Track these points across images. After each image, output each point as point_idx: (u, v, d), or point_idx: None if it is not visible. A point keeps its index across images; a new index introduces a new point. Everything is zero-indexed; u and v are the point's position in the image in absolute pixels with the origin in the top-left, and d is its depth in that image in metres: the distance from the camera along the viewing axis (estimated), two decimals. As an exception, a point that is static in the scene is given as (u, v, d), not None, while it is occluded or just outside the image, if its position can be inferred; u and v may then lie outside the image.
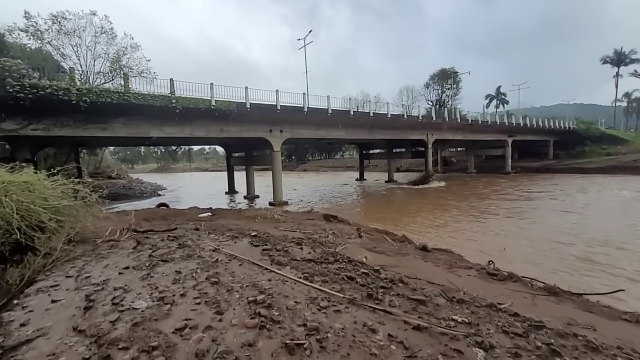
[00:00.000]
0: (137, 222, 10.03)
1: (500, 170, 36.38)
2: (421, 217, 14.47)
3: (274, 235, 7.20)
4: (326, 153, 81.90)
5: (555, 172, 33.95)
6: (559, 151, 42.17)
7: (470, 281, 4.64)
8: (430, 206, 17.27)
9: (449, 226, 12.56)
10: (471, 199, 19.45)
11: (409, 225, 12.76)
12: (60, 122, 13.06)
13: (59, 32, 21.58)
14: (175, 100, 13.75)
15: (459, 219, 13.83)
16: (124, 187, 28.44)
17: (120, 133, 14.37)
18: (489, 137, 33.89)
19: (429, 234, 11.36)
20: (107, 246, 4.97)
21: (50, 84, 11.21)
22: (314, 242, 6.28)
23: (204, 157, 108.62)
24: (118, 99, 12.51)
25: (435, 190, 24.17)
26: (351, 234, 8.34)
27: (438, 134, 27.87)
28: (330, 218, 11.54)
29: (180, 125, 15.83)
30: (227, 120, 16.86)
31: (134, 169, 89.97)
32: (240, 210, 12.82)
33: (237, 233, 6.44)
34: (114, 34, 23.99)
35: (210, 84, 14.86)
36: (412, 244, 8.03)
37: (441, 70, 48.37)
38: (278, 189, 18.90)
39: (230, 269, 3.59)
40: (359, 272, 3.98)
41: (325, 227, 9.14)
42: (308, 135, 20.32)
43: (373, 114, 20.85)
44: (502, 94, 59.14)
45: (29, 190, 4.83)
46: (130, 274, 3.37)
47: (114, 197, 23.81)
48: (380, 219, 13.97)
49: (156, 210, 12.68)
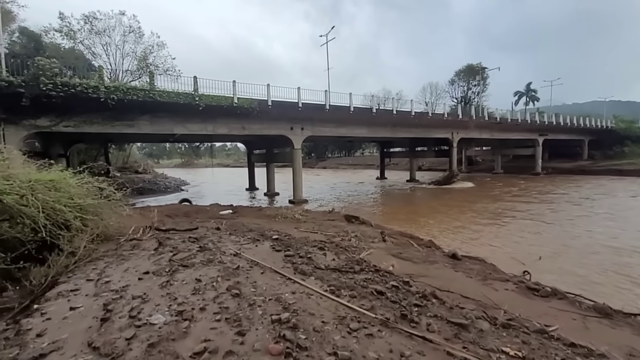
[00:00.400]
0: (160, 219, 10.16)
1: (530, 171, 34.63)
2: (447, 220, 13.88)
3: (295, 237, 7.00)
4: (346, 150, 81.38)
5: (591, 174, 31.89)
6: (594, 151, 39.68)
7: (508, 297, 4.25)
8: (457, 209, 16.57)
9: (478, 231, 11.95)
10: (501, 201, 18.55)
11: (434, 229, 12.25)
12: (90, 119, 13.46)
13: (91, 32, 22.40)
14: (198, 97, 13.86)
15: (489, 223, 13.16)
16: (149, 182, 29.31)
17: (146, 130, 14.66)
18: (518, 136, 32.32)
19: (456, 239, 10.84)
20: (130, 246, 4.94)
21: (80, 82, 11.53)
22: (337, 246, 6.04)
23: (226, 154, 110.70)
24: (144, 96, 12.73)
25: (461, 192, 23.27)
26: (374, 237, 8.03)
27: (464, 133, 26.81)
28: (351, 219, 11.26)
29: (203, 123, 15.98)
30: (248, 118, 16.85)
31: (160, 164, 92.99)
32: (261, 209, 12.76)
33: (258, 235, 6.29)
34: (141, 33, 24.68)
35: (233, 81, 14.88)
36: (440, 250, 7.62)
37: (467, 65, 46.63)
38: (298, 187, 18.78)
39: (252, 277, 3.40)
40: (388, 284, 3.69)
41: (347, 228, 8.88)
42: (329, 133, 20.04)
43: (396, 112, 20.26)
44: (532, 91, 56.26)
45: (55, 188, 4.85)
46: (150, 280, 3.25)
47: (141, 192, 24.57)
48: (403, 221, 13.53)
49: (179, 207, 12.85)
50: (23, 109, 11.27)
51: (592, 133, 38.90)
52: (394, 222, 13.13)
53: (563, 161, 38.53)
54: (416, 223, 13.31)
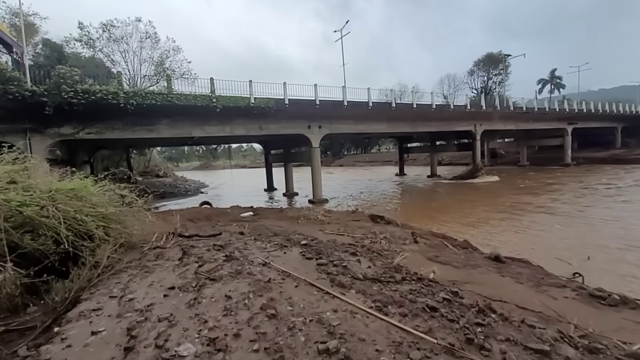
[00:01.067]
0: (183, 223, 10.05)
1: (559, 162, 32.92)
2: (476, 218, 13.18)
3: (323, 241, 6.65)
4: (362, 147, 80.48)
5: (627, 163, 29.91)
6: (628, 139, 37.35)
7: (571, 306, 3.73)
8: (485, 206, 15.78)
9: (512, 230, 11.23)
10: (532, 196, 17.56)
11: (464, 229, 11.61)
12: (111, 126, 13.59)
13: (109, 40, 22.83)
14: (215, 99, 13.75)
15: (523, 221, 12.38)
16: (170, 186, 29.79)
17: (165, 134, 14.71)
18: (545, 126, 30.73)
19: (491, 237, 10.19)
20: (154, 255, 4.73)
21: (100, 89, 11.62)
22: (369, 250, 5.65)
23: (242, 155, 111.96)
24: (162, 100, 12.71)
25: (487, 186, 22.28)
26: (405, 238, 7.58)
27: (487, 124, 25.67)
28: (377, 219, 10.81)
29: (221, 125, 15.90)
30: (265, 118, 16.65)
31: (179, 167, 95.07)
32: (282, 210, 12.51)
33: (285, 239, 5.98)
34: (157, 38, 24.96)
35: (249, 81, 14.68)
36: (478, 251, 7.09)
37: (487, 55, 44.86)
38: (317, 186, 18.45)
39: (286, 292, 3.06)
40: (437, 296, 3.29)
41: (375, 229, 8.45)
42: (347, 130, 19.60)
43: (416, 106, 19.56)
44: (557, 78, 53.63)
45: (76, 197, 4.69)
46: (176, 297, 2.96)
47: (162, 195, 24.91)
48: (429, 220, 12.94)
49: (200, 210, 12.78)
50: (47, 117, 11.46)
51: (626, 120, 36.59)
52: (419, 221, 12.57)
53: (594, 150, 36.45)
54: (443, 222, 12.70)
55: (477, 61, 45.88)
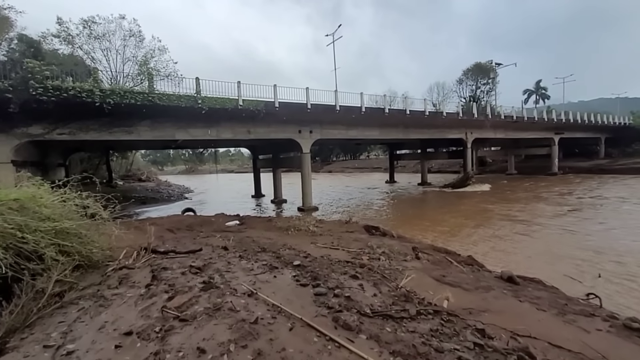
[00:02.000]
0: (160, 234, 9.19)
1: (545, 171, 33.30)
2: (473, 229, 12.75)
3: (316, 257, 5.98)
4: (351, 154, 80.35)
5: (611, 173, 30.49)
6: (611, 149, 38.26)
7: (609, 343, 3.18)
8: (480, 215, 15.42)
9: (511, 242, 10.81)
10: (527, 205, 17.36)
11: (464, 240, 11.13)
12: (86, 126, 12.61)
13: (90, 37, 21.69)
14: (201, 100, 12.95)
15: (521, 233, 11.99)
16: (152, 190, 28.50)
17: (146, 136, 13.78)
18: (533, 135, 31.07)
19: (492, 253, 9.69)
20: (117, 278, 3.96)
21: (74, 86, 10.68)
22: (370, 270, 5.01)
23: (230, 159, 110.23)
24: (142, 100, 11.85)
25: (478, 195, 22.06)
26: (405, 253, 6.98)
27: (478, 133, 25.65)
28: (371, 230, 10.20)
29: (206, 127, 15.08)
30: (254, 121, 15.93)
31: (164, 171, 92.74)
32: (271, 219, 11.76)
33: (274, 257, 5.29)
34: (142, 37, 23.93)
35: (237, 82, 13.96)
36: (484, 268, 6.55)
37: (476, 64, 45.48)
38: (307, 194, 17.76)
39: (278, 338, 2.37)
40: (464, 339, 2.67)
41: (371, 242, 7.83)
42: (339, 136, 19.05)
43: (409, 112, 19.21)
44: (542, 89, 55.01)
45: (22, 209, 3.90)
46: (132, 349, 2.24)
47: (143, 201, 23.71)
48: (425, 231, 12.44)
49: (181, 218, 11.89)
50: (13, 116, 10.42)
51: (609, 130, 37.50)
52: (415, 232, 12.05)
53: (578, 160, 37.14)
54: (440, 234, 12.21)
55: (465, 70, 46.44)
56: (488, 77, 45.94)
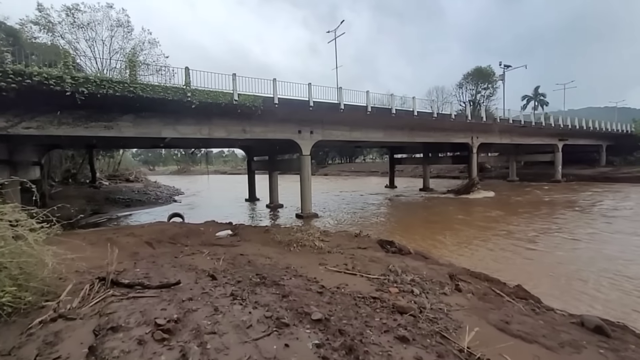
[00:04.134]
0: (136, 249, 7.65)
1: (549, 178, 32.44)
2: (492, 244, 11.46)
3: (332, 290, 4.59)
4: (347, 157, 79.11)
5: (617, 182, 29.67)
6: (612, 157, 37.65)
7: None
8: (494, 225, 14.18)
9: (538, 260, 9.52)
10: (541, 215, 16.19)
11: (486, 258, 9.80)
12: (57, 120, 11.01)
13: (73, 25, 20.04)
14: (190, 93, 11.43)
15: (545, 249, 10.74)
16: (138, 192, 26.70)
17: (128, 133, 12.22)
18: (538, 141, 30.15)
19: (525, 274, 8.34)
20: (41, 342, 2.55)
21: (40, 71, 9.09)
22: (415, 319, 3.63)
23: (223, 160, 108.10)
24: (122, 90, 10.30)
25: (485, 203, 20.88)
26: (439, 282, 5.60)
27: (484, 137, 24.55)
28: (386, 245, 8.81)
29: (197, 125, 13.57)
30: (250, 120, 14.47)
31: (155, 171, 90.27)
32: (268, 230, 10.30)
33: (279, 298, 3.86)
34: (130, 27, 22.36)
35: (233, 74, 12.46)
36: (543, 305, 5.21)
37: (476, 68, 44.76)
38: (307, 199, 16.32)
39: None
40: None
41: (393, 265, 6.44)
42: (342, 138, 17.66)
43: (417, 113, 17.94)
44: (541, 95, 54.59)
45: None
46: None
47: (127, 204, 21.99)
48: (441, 245, 11.10)
49: (165, 227, 10.34)
50: (-34, 105, 8.81)
51: (611, 138, 36.89)
52: (428, 245, 10.71)
53: (580, 167, 36.34)
54: (457, 246, 10.88)
55: (466, 75, 45.69)
56: (488, 82, 45.28)
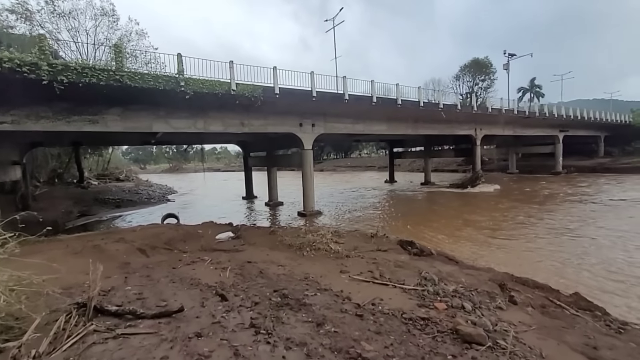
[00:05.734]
0: (127, 258, 6.71)
1: (549, 170, 32.07)
2: (512, 240, 10.76)
3: (366, 307, 3.75)
4: (343, 152, 78.27)
5: (617, 172, 29.41)
6: (610, 148, 37.49)
7: None
8: (510, 219, 13.51)
9: (567, 261, 8.81)
10: (553, 209, 15.59)
11: (510, 256, 9.06)
12: (35, 113, 9.89)
13: (53, 13, 18.65)
14: (184, 82, 10.38)
15: (564, 245, 10.07)
16: (129, 192, 25.45)
17: (115, 127, 11.13)
18: (539, 132, 29.66)
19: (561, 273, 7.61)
20: None
21: (10, 57, 7.97)
22: (492, 352, 2.79)
23: (216, 157, 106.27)
24: (107, 79, 9.22)
25: (491, 196, 20.26)
26: (486, 292, 4.79)
27: (487, 129, 23.91)
28: (407, 246, 7.99)
29: (192, 118, 12.52)
30: (249, 112, 13.48)
31: (146, 170, 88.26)
32: (274, 231, 9.39)
33: (314, 329, 2.98)
34: (116, 17, 21.00)
35: (230, 61, 11.42)
36: (610, 317, 4.44)
37: (473, 60, 44.14)
38: (310, 196, 15.43)
39: None
40: None
41: (424, 269, 5.63)
42: (345, 130, 16.76)
43: (423, 104, 17.10)
44: (536, 87, 54.28)
45: None
46: None
47: (117, 204, 20.80)
48: (456, 242, 10.34)
49: (159, 231, 9.36)
50: None
51: (609, 128, 36.67)
52: (447, 245, 9.94)
53: (578, 159, 36.04)
54: (478, 245, 10.13)
55: (462, 66, 45.05)
56: (485, 74, 44.73)
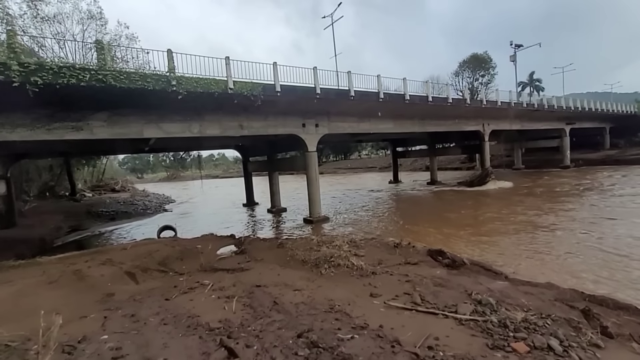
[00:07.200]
0: (113, 284, 5.70)
1: (557, 164, 31.21)
2: (557, 245, 9.79)
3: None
4: (342, 154, 77.33)
5: (628, 164, 28.55)
6: (616, 140, 36.72)
7: None
8: (546, 220, 12.54)
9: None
10: (578, 205, 14.64)
11: (550, 263, 8.07)
12: (10, 121, 8.87)
13: (36, 18, 17.65)
14: (176, 81, 9.38)
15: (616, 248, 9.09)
16: (125, 203, 24.36)
17: (102, 134, 10.11)
18: (546, 126, 28.81)
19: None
20: None
21: (-26, 56, 6.98)
22: None
23: (213, 164, 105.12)
24: (89, 80, 8.21)
25: (506, 193, 19.29)
26: (566, 319, 3.77)
27: (495, 124, 23.00)
28: (437, 257, 6.96)
29: (186, 121, 11.51)
30: (247, 113, 12.50)
31: (143, 179, 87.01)
32: (282, 244, 8.34)
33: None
34: (104, 20, 20.05)
35: (226, 57, 10.44)
36: None
37: (472, 55, 43.39)
38: (316, 201, 14.41)
39: None
40: None
41: (473, 288, 4.62)
42: (349, 130, 15.77)
43: (432, 99, 16.15)
44: (536, 81, 53.71)
45: None
46: None
47: (112, 217, 19.72)
48: (480, 248, 9.34)
49: (152, 249, 8.29)
50: None
51: (614, 120, 35.91)
52: (476, 251, 8.95)
53: (584, 152, 35.17)
54: (508, 252, 9.13)
55: (462, 62, 44.27)
56: (485, 69, 44.01)
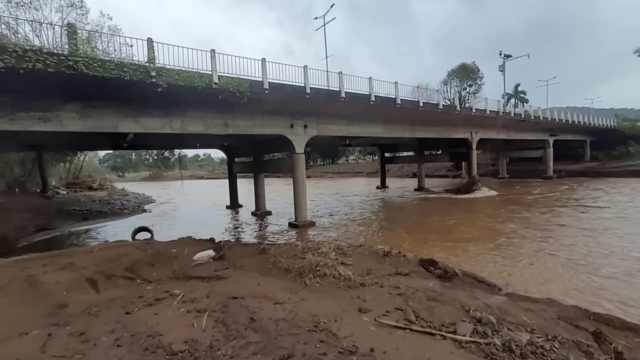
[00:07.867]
0: (70, 292, 5.03)
1: (540, 174, 31.79)
2: (551, 254, 9.61)
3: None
4: (330, 158, 77.13)
5: (607, 176, 29.43)
6: (596, 152, 37.86)
7: None
8: (535, 228, 12.43)
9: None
10: (562, 215, 14.69)
11: (545, 274, 7.82)
12: (-33, 108, 8.04)
13: (9, 3, 16.59)
14: (156, 72, 8.74)
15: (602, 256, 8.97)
16: (100, 202, 23.15)
17: (72, 127, 9.33)
18: (531, 136, 29.34)
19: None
20: None
21: None
22: None
23: (199, 164, 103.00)
24: (58, 66, 7.50)
25: (492, 202, 19.32)
26: (574, 342, 3.44)
27: (482, 133, 23.16)
28: (429, 267, 6.60)
29: (167, 116, 10.84)
30: (233, 111, 11.93)
31: (125, 177, 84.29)
32: (264, 250, 7.80)
33: None
34: (85, 9, 19.08)
35: (211, 50, 9.88)
36: None
37: (461, 65, 44.05)
38: (302, 205, 13.91)
39: None
40: None
41: (470, 304, 4.24)
42: (339, 132, 15.39)
43: (423, 104, 15.97)
44: (521, 93, 55.04)
45: None
46: None
47: (85, 216, 18.61)
48: (469, 258, 9.06)
49: (122, 253, 7.59)
50: None
51: (595, 133, 37.01)
52: (465, 261, 8.64)
53: (566, 163, 36.07)
54: (502, 263, 8.88)
55: (450, 71, 44.89)
56: (472, 79, 44.75)
